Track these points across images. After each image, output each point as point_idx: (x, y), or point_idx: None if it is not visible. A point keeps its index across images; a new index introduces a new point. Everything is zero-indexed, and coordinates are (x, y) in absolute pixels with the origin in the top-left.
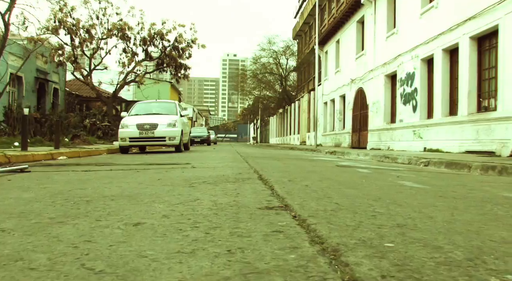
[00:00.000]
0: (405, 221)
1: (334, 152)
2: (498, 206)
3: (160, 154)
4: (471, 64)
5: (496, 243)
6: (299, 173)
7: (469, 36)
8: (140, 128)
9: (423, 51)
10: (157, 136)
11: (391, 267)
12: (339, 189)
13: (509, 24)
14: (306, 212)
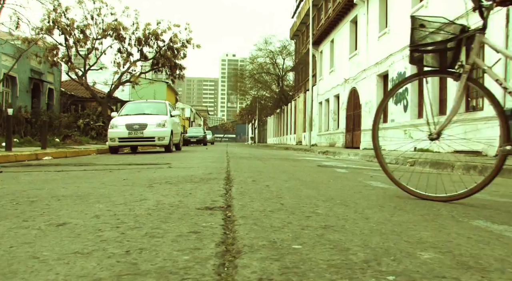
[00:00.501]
0: (336, 222)
1: (326, 152)
2: (446, 206)
3: (149, 154)
4: None
5: (409, 244)
6: (270, 173)
7: None
8: (129, 128)
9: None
10: (146, 136)
11: (277, 270)
12: (298, 189)
13: (495, 23)
14: (243, 212)
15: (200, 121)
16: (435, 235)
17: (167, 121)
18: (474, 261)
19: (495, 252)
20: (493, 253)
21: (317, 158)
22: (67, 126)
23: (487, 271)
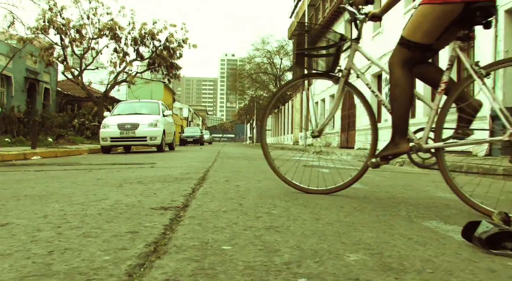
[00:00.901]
0: (284, 223)
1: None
2: (410, 206)
3: (140, 154)
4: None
5: (344, 245)
6: (249, 173)
7: None
8: (121, 128)
9: None
10: (138, 136)
11: (189, 271)
12: (267, 189)
13: None
14: (195, 212)
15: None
16: (377, 236)
17: (159, 121)
18: (399, 262)
19: (426, 253)
20: (423, 254)
21: (308, 158)
22: (62, 126)
23: (405, 273)
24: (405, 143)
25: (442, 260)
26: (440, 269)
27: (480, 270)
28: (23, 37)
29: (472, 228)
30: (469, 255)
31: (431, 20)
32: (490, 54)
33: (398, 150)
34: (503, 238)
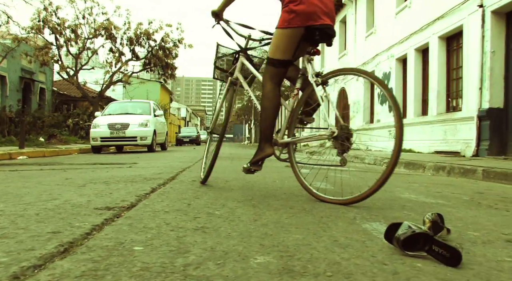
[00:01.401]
0: (217, 224)
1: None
2: (363, 207)
3: (130, 153)
4: (440, 64)
5: (260, 247)
6: (222, 174)
7: (438, 35)
8: (111, 127)
9: (397, 51)
10: (128, 136)
11: (80, 273)
12: (228, 190)
13: (472, 24)
14: (135, 212)
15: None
16: (303, 238)
17: (150, 121)
18: (303, 265)
19: (340, 256)
20: (336, 256)
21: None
22: (56, 126)
23: (302, 276)
24: (270, 147)
25: (352, 263)
26: (341, 272)
27: (382, 272)
28: (18, 36)
29: (394, 229)
30: (384, 257)
31: (284, 41)
32: (478, 54)
33: (264, 154)
34: (420, 239)
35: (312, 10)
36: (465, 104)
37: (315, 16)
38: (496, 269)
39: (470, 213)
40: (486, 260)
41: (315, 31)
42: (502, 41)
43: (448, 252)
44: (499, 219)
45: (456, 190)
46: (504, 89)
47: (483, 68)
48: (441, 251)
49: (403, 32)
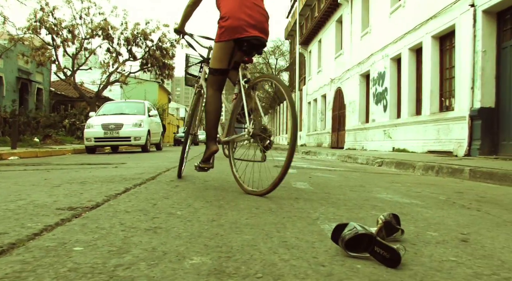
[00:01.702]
0: (173, 224)
1: (308, 152)
2: (332, 208)
3: (124, 154)
4: (433, 64)
5: (202, 248)
6: (203, 174)
7: (431, 35)
8: (105, 128)
9: (392, 51)
10: (122, 136)
11: (2, 275)
12: (204, 189)
13: (464, 23)
14: (95, 213)
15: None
16: (252, 239)
17: (144, 121)
18: (237, 266)
19: (281, 257)
20: (277, 257)
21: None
22: (52, 126)
23: (229, 277)
24: (214, 145)
25: (289, 264)
26: (273, 274)
27: (316, 274)
28: (14, 36)
29: (341, 230)
30: (325, 258)
31: (219, 52)
32: (469, 53)
33: (210, 151)
34: (364, 240)
35: (237, 25)
36: (457, 103)
37: (241, 29)
38: (435, 269)
39: (439, 213)
40: (431, 260)
41: (243, 42)
42: (493, 40)
43: (388, 253)
44: (465, 219)
45: (436, 190)
46: (496, 88)
47: (474, 67)
48: (382, 252)
49: (398, 31)
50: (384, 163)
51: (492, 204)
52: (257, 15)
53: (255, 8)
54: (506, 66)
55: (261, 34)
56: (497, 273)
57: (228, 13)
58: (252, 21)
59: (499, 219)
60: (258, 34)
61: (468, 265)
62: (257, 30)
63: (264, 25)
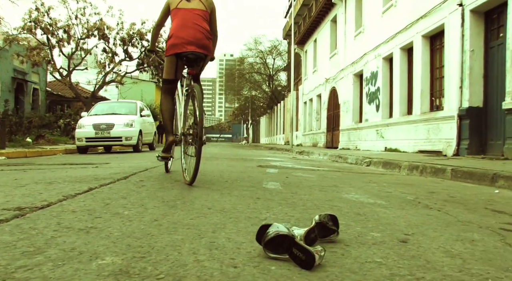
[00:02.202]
0: (111, 224)
1: (302, 152)
2: (288, 208)
3: (115, 154)
4: (423, 63)
5: (124, 249)
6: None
7: (421, 34)
8: (96, 128)
9: (384, 50)
10: (113, 136)
11: None
12: (169, 189)
13: (453, 23)
14: (42, 212)
15: None
16: (182, 239)
17: (136, 121)
18: (143, 267)
19: (197, 258)
20: (191, 259)
21: (280, 159)
22: (47, 126)
23: (130, 277)
24: (171, 136)
25: (200, 265)
26: (176, 275)
27: (222, 275)
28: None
29: (265, 230)
30: (242, 259)
31: (166, 65)
32: (458, 53)
33: (168, 142)
34: (284, 241)
35: (178, 42)
36: (446, 103)
37: (180, 46)
38: (352, 271)
39: (397, 213)
40: (354, 261)
41: (183, 57)
42: (481, 40)
43: (304, 255)
44: (419, 219)
45: (410, 190)
46: (484, 88)
47: (463, 67)
48: (299, 254)
49: (390, 31)
50: (372, 163)
51: (457, 204)
52: (196, 33)
53: (195, 27)
54: (493, 65)
55: (198, 49)
56: (413, 273)
57: (172, 32)
58: (191, 38)
59: (454, 219)
60: (195, 49)
61: (389, 266)
62: (194, 45)
63: (202, 41)
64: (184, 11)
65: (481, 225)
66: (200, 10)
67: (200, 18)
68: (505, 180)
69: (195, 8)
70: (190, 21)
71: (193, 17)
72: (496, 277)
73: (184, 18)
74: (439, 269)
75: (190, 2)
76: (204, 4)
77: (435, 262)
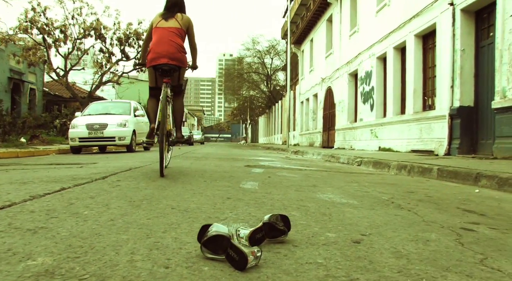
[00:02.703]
0: (63, 224)
1: (297, 152)
2: (254, 208)
3: (109, 154)
4: (416, 63)
5: (65, 249)
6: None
7: (414, 34)
8: (90, 128)
9: (378, 49)
10: (106, 136)
11: None
12: (137, 189)
13: (444, 22)
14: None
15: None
16: (127, 239)
17: (129, 121)
18: (73, 267)
19: (133, 258)
20: (125, 259)
21: (272, 158)
22: (43, 126)
23: (52, 277)
24: (153, 124)
25: (131, 265)
26: (102, 275)
27: (148, 276)
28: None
29: (205, 231)
30: (178, 260)
31: (148, 75)
32: (449, 52)
33: (149, 129)
34: (223, 242)
35: (154, 56)
36: (438, 102)
37: (156, 59)
38: (286, 273)
39: (364, 213)
40: (294, 262)
41: (158, 68)
42: (472, 39)
43: (238, 256)
44: (383, 219)
45: (389, 190)
46: (474, 87)
47: (454, 66)
48: (233, 254)
49: (383, 30)
50: (363, 163)
51: (431, 203)
52: (170, 48)
53: (169, 43)
54: (484, 64)
55: (171, 61)
56: (349, 274)
57: (151, 47)
58: (165, 52)
59: (420, 219)
60: (167, 62)
61: (328, 267)
62: (167, 58)
63: (175, 55)
64: (161, 30)
65: (443, 225)
66: (175, 28)
67: (175, 35)
68: (487, 179)
69: (170, 26)
70: (165, 38)
71: (168, 34)
72: (431, 277)
73: (160, 36)
74: (378, 270)
75: (167, 21)
76: (179, 23)
77: (378, 263)
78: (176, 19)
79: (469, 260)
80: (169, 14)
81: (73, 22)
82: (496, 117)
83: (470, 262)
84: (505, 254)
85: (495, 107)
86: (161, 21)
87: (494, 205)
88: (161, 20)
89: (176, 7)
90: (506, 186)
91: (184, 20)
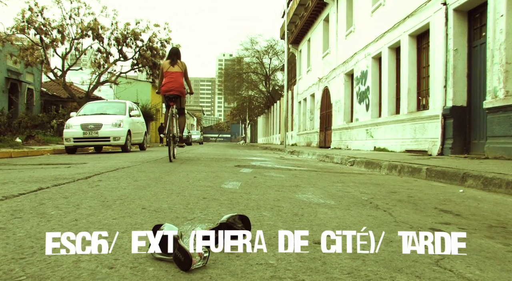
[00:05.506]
0: (17, 225)
1: (293, 152)
2: (232, 208)
3: (104, 154)
4: (410, 62)
5: (9, 249)
6: (152, 174)
7: (408, 34)
8: (84, 128)
9: (373, 49)
10: (101, 136)
11: None
12: (123, 188)
13: (437, 22)
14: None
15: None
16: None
17: (124, 121)
18: (11, 269)
19: (80, 259)
20: (72, 260)
21: (265, 158)
22: (40, 126)
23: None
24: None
25: (77, 266)
26: (40, 277)
27: (88, 276)
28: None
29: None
30: (124, 261)
31: (163, 98)
32: (442, 52)
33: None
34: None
35: (165, 89)
36: (431, 102)
37: (166, 91)
38: (232, 274)
39: (337, 214)
40: (244, 263)
41: (168, 96)
42: (465, 39)
43: (183, 256)
44: (355, 220)
45: (372, 190)
46: (467, 87)
47: (447, 66)
48: (179, 255)
49: (378, 30)
50: (355, 163)
51: (409, 204)
52: (175, 85)
53: (174, 80)
54: (476, 64)
55: (175, 92)
56: (296, 276)
57: (164, 82)
58: (171, 87)
59: (392, 219)
60: (172, 93)
61: (277, 269)
62: (173, 90)
63: (178, 89)
64: (170, 73)
65: (413, 226)
66: (179, 72)
67: (179, 76)
68: (473, 179)
69: (176, 71)
70: (173, 78)
71: (175, 75)
72: (379, 278)
73: (170, 77)
74: (328, 272)
75: (174, 67)
76: (180, 68)
77: (331, 264)
78: (178, 65)
79: (425, 261)
80: (173, 62)
81: (71, 22)
82: (488, 117)
83: (426, 263)
84: (462, 254)
85: (486, 107)
86: (170, 67)
87: (473, 205)
88: (169, 66)
89: (176, 56)
90: (490, 186)
91: (182, 66)
